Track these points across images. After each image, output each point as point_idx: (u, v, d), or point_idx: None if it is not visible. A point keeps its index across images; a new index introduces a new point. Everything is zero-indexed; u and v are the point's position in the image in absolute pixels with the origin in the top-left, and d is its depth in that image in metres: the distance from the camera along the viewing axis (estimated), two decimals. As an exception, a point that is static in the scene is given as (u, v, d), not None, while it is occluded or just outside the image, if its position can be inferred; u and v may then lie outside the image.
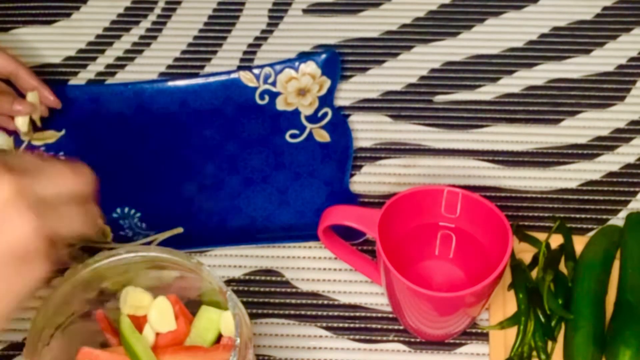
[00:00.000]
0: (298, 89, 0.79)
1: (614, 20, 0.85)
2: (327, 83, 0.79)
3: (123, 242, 0.70)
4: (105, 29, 0.86)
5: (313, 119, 0.78)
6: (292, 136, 0.77)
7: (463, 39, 0.84)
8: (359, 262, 0.68)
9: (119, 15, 0.87)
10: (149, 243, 0.71)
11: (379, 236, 0.61)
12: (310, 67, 0.80)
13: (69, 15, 0.87)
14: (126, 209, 0.73)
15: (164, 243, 0.70)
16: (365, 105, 0.80)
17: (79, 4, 0.88)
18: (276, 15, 0.87)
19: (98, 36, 0.85)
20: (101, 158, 0.74)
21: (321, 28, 0.85)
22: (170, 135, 0.78)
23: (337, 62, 0.80)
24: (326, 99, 0.78)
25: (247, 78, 0.80)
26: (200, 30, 0.86)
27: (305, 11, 0.87)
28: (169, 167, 0.75)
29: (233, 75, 0.80)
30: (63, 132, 0.78)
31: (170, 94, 0.79)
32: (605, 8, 0.86)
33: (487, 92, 0.81)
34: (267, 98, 0.79)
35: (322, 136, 0.77)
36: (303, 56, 0.81)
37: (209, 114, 0.78)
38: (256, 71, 0.80)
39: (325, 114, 0.78)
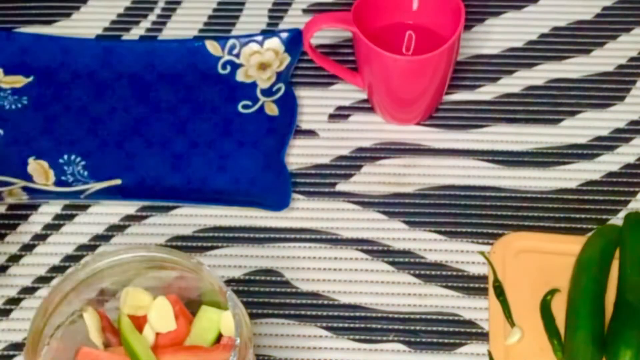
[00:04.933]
0: (260, 63, 0.82)
1: (614, 20, 0.85)
2: (287, 60, 0.82)
3: (63, 186, 0.74)
4: (105, 29, 0.86)
5: (267, 92, 0.80)
6: (245, 107, 0.80)
7: (463, 39, 0.84)
8: (342, 71, 0.77)
9: (119, 15, 0.87)
10: (85, 191, 0.74)
11: (357, 27, 0.71)
12: (274, 43, 0.82)
13: (69, 15, 0.87)
14: (73, 156, 0.76)
15: (100, 192, 0.74)
16: (366, 106, 0.80)
17: (79, 4, 0.88)
18: (276, 15, 0.87)
19: (98, 36, 0.85)
20: (62, 106, 0.79)
21: (321, 28, 0.85)
22: (130, 93, 0.81)
23: (299, 40, 0.81)
24: (283, 75, 0.81)
25: (213, 47, 0.82)
26: (200, 30, 0.86)
27: (305, 11, 0.87)
28: (122, 122, 0.79)
29: (200, 43, 0.82)
30: (31, 78, 0.81)
31: (137, 54, 0.83)
32: (605, 8, 0.86)
33: (487, 92, 0.81)
34: (228, 68, 0.82)
35: (272, 110, 0.79)
36: (268, 32, 0.83)
37: (171, 77, 0.81)
38: (222, 41, 0.82)
39: (279, 89, 0.80)
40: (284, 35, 0.82)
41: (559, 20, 0.85)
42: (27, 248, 0.72)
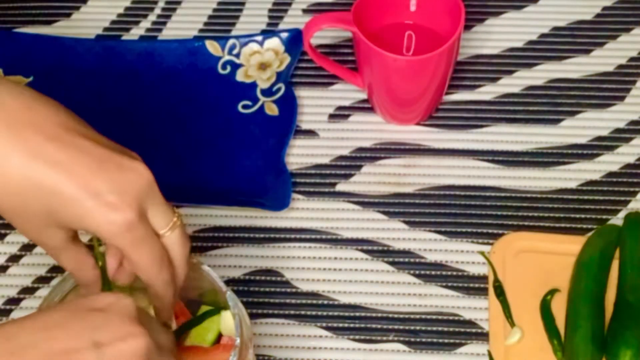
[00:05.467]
0: (260, 62, 0.82)
1: (614, 20, 0.85)
2: (287, 60, 0.81)
3: None
4: (105, 29, 0.86)
5: (267, 92, 0.80)
6: (245, 107, 0.80)
7: (463, 39, 0.84)
8: (342, 71, 0.78)
9: (119, 15, 0.87)
10: None
11: (357, 28, 0.71)
12: (274, 43, 0.82)
13: (69, 15, 0.87)
14: None
15: None
16: (366, 106, 0.80)
17: (79, 4, 0.88)
18: (276, 15, 0.87)
19: (98, 36, 0.85)
20: None
21: (321, 28, 0.85)
22: (130, 93, 0.81)
23: (299, 40, 0.81)
24: (283, 75, 0.81)
25: (213, 47, 0.82)
26: (200, 30, 0.86)
27: (305, 11, 0.87)
28: (122, 121, 0.78)
29: (200, 43, 0.82)
30: (31, 78, 0.81)
31: (137, 55, 0.82)
32: (605, 8, 0.86)
33: (487, 92, 0.81)
34: (228, 68, 0.82)
35: (272, 109, 0.79)
36: (268, 32, 0.83)
37: (171, 77, 0.81)
38: (222, 41, 0.82)
39: (279, 89, 0.80)
40: (284, 35, 0.82)
41: (559, 20, 0.85)
42: (27, 248, 0.72)
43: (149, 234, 0.51)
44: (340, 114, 0.80)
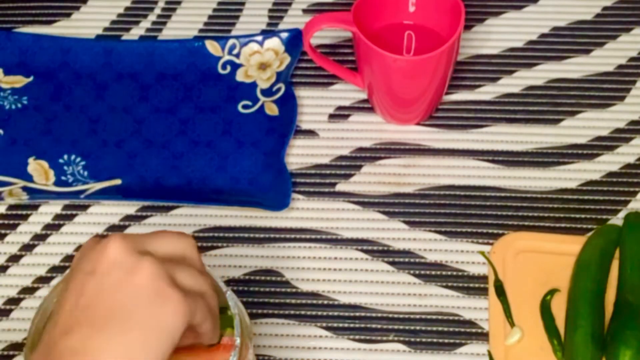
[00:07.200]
0: (260, 62, 0.82)
1: (614, 20, 0.85)
2: (287, 60, 0.82)
3: (63, 186, 0.75)
4: (105, 29, 0.86)
5: (267, 92, 0.80)
6: (245, 107, 0.80)
7: (463, 39, 0.84)
8: (342, 71, 0.78)
9: (119, 15, 0.87)
10: (85, 191, 0.74)
11: (357, 27, 0.72)
12: (274, 43, 0.82)
13: (69, 15, 0.87)
14: (73, 156, 0.77)
15: (100, 192, 0.74)
16: (366, 106, 0.80)
17: (79, 4, 0.88)
18: (276, 15, 0.87)
19: (98, 36, 0.85)
20: (62, 106, 0.80)
21: (321, 28, 0.85)
22: (130, 93, 0.81)
23: (299, 40, 0.81)
24: (283, 75, 0.81)
25: (213, 47, 0.82)
26: (200, 30, 0.86)
27: (305, 11, 0.87)
28: (122, 122, 0.79)
29: (200, 43, 0.82)
30: (31, 78, 0.81)
31: (137, 55, 0.83)
32: (605, 8, 0.86)
33: (487, 92, 0.81)
34: (228, 68, 0.82)
35: (272, 109, 0.79)
36: (268, 32, 0.83)
37: (171, 77, 0.82)
38: (222, 41, 0.82)
39: (279, 89, 0.80)
40: (284, 35, 0.82)
41: (559, 20, 0.85)
42: (27, 248, 0.72)
43: None
44: (340, 114, 0.80)
